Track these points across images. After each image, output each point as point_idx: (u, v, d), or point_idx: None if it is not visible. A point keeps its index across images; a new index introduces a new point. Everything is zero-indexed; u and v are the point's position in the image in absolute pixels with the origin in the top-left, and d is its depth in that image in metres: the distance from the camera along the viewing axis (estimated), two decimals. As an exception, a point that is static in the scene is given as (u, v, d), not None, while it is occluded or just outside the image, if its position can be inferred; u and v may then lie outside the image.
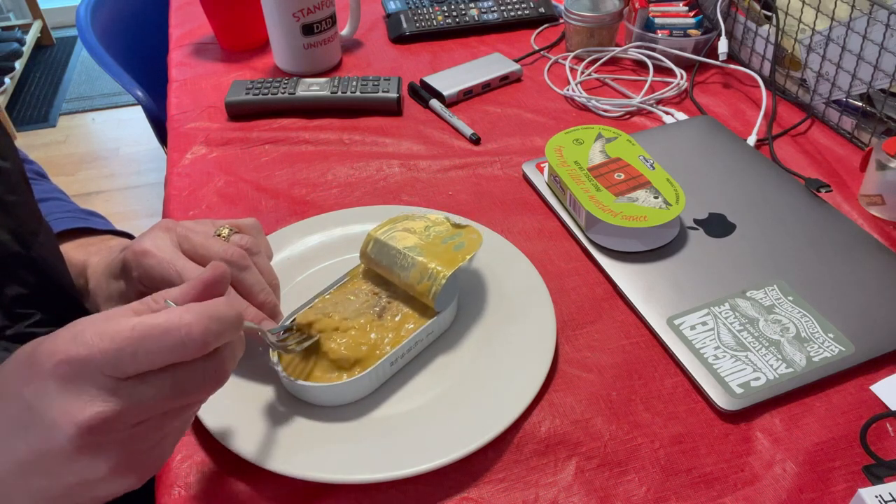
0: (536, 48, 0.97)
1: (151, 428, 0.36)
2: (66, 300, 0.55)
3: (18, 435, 0.34)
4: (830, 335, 0.54)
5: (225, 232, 0.53)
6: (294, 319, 0.53)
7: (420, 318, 0.54)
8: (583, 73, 0.91)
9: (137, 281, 0.50)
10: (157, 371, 0.34)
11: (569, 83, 0.89)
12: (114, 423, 0.33)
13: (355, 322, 0.53)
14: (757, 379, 0.52)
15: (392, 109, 0.85)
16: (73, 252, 0.58)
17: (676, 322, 0.56)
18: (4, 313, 0.51)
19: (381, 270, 0.56)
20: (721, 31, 0.88)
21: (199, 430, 0.50)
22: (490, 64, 0.91)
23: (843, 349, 0.53)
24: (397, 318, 0.54)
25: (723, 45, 0.88)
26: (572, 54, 0.94)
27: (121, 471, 0.35)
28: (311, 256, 0.63)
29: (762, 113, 0.81)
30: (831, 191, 0.69)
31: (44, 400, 0.33)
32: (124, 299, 0.52)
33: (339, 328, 0.52)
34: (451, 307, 0.55)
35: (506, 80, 0.90)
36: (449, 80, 0.88)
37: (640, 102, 0.84)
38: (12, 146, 0.54)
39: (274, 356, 0.51)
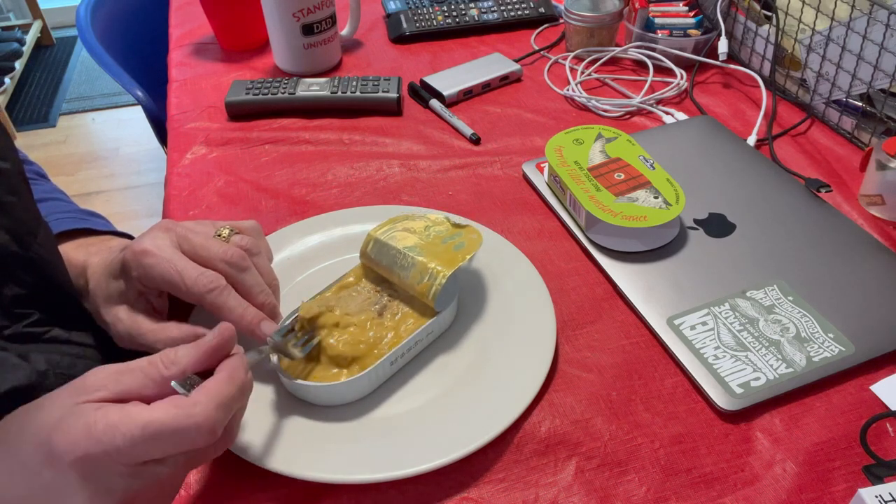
0: (536, 48, 0.97)
1: (166, 489, 0.39)
2: (64, 300, 0.55)
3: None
4: (830, 335, 0.54)
5: (225, 233, 0.53)
6: (297, 316, 0.53)
7: (420, 318, 0.54)
8: (583, 73, 0.91)
9: (137, 280, 0.50)
10: (169, 456, 0.37)
11: (569, 83, 0.89)
12: (134, 500, 0.36)
13: (355, 318, 0.53)
14: (757, 379, 0.52)
15: (392, 109, 0.85)
16: (73, 252, 0.58)
17: (676, 322, 0.56)
18: (3, 313, 0.51)
19: (381, 270, 0.56)
20: (721, 31, 0.88)
21: (199, 430, 0.51)
22: (490, 64, 0.91)
23: (843, 349, 0.53)
24: (397, 318, 0.54)
25: (723, 45, 0.88)
26: (572, 54, 0.94)
27: None
28: (311, 256, 0.63)
29: (762, 113, 0.81)
30: (831, 191, 0.69)
31: (67, 490, 0.35)
32: (124, 299, 0.52)
33: (339, 324, 0.52)
34: (452, 307, 0.55)
35: (506, 80, 0.90)
36: (449, 80, 0.88)
37: (640, 102, 0.84)
38: (12, 146, 0.54)
39: (273, 357, 0.51)
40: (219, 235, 0.52)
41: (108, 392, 0.37)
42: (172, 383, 0.38)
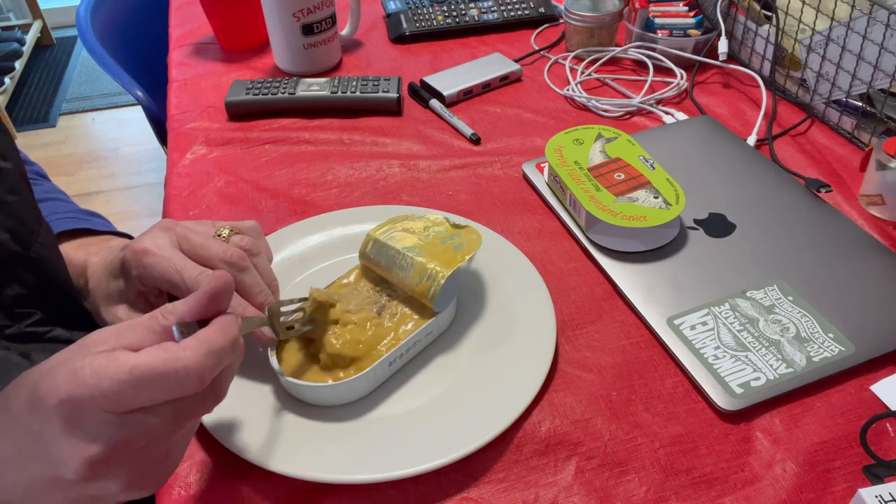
0: (536, 48, 0.97)
1: (157, 447, 0.37)
2: (65, 300, 0.55)
3: (32, 459, 0.35)
4: (830, 335, 0.54)
5: (225, 233, 0.53)
6: (303, 303, 0.52)
7: (419, 319, 0.54)
8: (583, 73, 0.91)
9: (137, 280, 0.50)
10: (157, 405, 0.35)
11: (569, 83, 0.89)
12: (118, 453, 0.35)
13: (355, 316, 0.53)
14: (757, 379, 0.52)
15: (392, 109, 0.85)
16: (74, 252, 0.58)
17: (676, 322, 0.56)
18: (4, 313, 0.51)
19: (380, 271, 0.56)
20: (721, 31, 0.88)
21: (200, 430, 0.50)
22: (490, 64, 0.91)
23: (843, 349, 0.53)
24: (396, 318, 0.54)
25: (723, 45, 0.88)
26: (572, 54, 0.94)
27: (133, 486, 0.37)
28: (311, 256, 0.63)
29: (762, 113, 0.81)
30: (831, 191, 0.69)
31: (50, 437, 0.34)
32: (123, 298, 0.52)
33: (339, 320, 0.52)
34: (451, 308, 0.55)
35: (506, 80, 0.90)
36: (449, 80, 0.88)
37: (640, 102, 0.84)
38: (13, 146, 0.54)
39: (273, 357, 0.51)
40: (219, 235, 0.52)
41: (108, 346, 0.36)
42: (173, 327, 0.38)
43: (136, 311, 0.52)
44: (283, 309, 0.50)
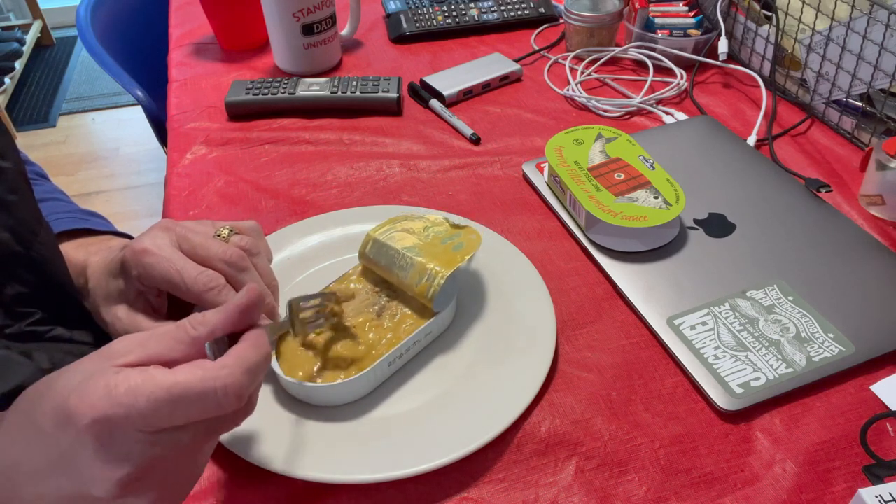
0: (536, 48, 0.97)
1: (187, 462, 0.37)
2: (66, 299, 0.55)
3: (58, 475, 0.34)
4: (830, 335, 0.54)
5: (225, 233, 0.53)
6: (324, 299, 0.52)
7: (419, 319, 0.54)
8: (583, 73, 0.91)
9: (136, 280, 0.50)
10: (191, 423, 0.35)
11: (569, 83, 0.89)
12: (149, 471, 0.34)
13: (354, 320, 0.53)
14: (757, 379, 0.52)
15: (392, 109, 0.85)
16: (74, 252, 0.58)
17: (676, 322, 0.56)
18: (5, 312, 0.51)
19: (379, 271, 0.56)
20: (721, 31, 0.88)
21: (199, 430, 0.51)
22: (490, 64, 0.91)
23: (843, 349, 0.53)
24: (396, 318, 0.54)
25: (723, 45, 0.88)
26: (572, 54, 0.94)
27: (161, 500, 0.36)
28: (311, 256, 0.63)
29: (762, 113, 0.81)
30: (831, 191, 0.69)
31: (81, 455, 0.33)
32: (123, 298, 0.52)
33: (344, 329, 0.52)
34: (450, 308, 0.55)
35: (506, 80, 0.90)
36: (449, 80, 0.88)
37: (640, 102, 0.84)
38: (13, 146, 0.54)
39: (273, 358, 0.51)
40: (218, 235, 0.52)
41: (134, 357, 0.35)
42: (206, 346, 0.37)
43: (135, 310, 0.52)
44: (301, 304, 0.50)
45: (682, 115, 0.82)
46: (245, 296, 0.39)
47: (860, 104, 0.76)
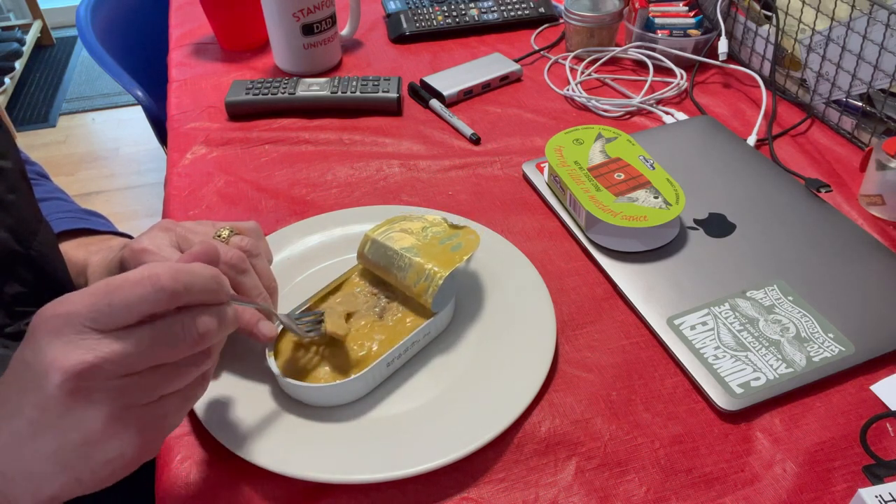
0: (536, 48, 0.97)
1: (141, 383, 0.37)
2: None
3: (23, 395, 0.36)
4: (830, 335, 0.54)
5: (224, 234, 0.53)
6: (307, 308, 0.53)
7: (417, 319, 0.54)
8: (583, 73, 0.91)
9: None
10: (136, 324, 0.36)
11: (569, 83, 0.89)
12: (98, 370, 0.35)
13: (355, 324, 0.53)
14: (757, 379, 0.52)
15: (392, 109, 0.85)
16: (74, 251, 0.58)
17: (676, 322, 0.56)
18: (4, 311, 0.51)
19: (378, 271, 0.56)
20: (721, 31, 0.88)
21: (199, 430, 0.51)
22: (490, 64, 0.91)
23: (843, 349, 0.53)
24: (396, 318, 0.54)
25: (723, 45, 0.88)
26: (572, 54, 0.94)
27: (118, 426, 0.36)
28: (311, 256, 0.63)
29: (762, 113, 0.81)
30: (831, 191, 0.69)
31: (36, 354, 0.35)
32: None
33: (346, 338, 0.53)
34: (449, 308, 0.55)
35: (506, 80, 0.90)
36: (449, 80, 0.88)
37: (640, 102, 0.84)
38: (13, 146, 0.54)
39: (270, 357, 0.51)
40: (218, 236, 0.52)
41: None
42: None
43: None
44: (298, 319, 0.51)
45: (682, 115, 0.82)
46: (201, 246, 0.41)
47: (860, 104, 0.76)
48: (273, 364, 0.51)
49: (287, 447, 0.48)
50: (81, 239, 0.61)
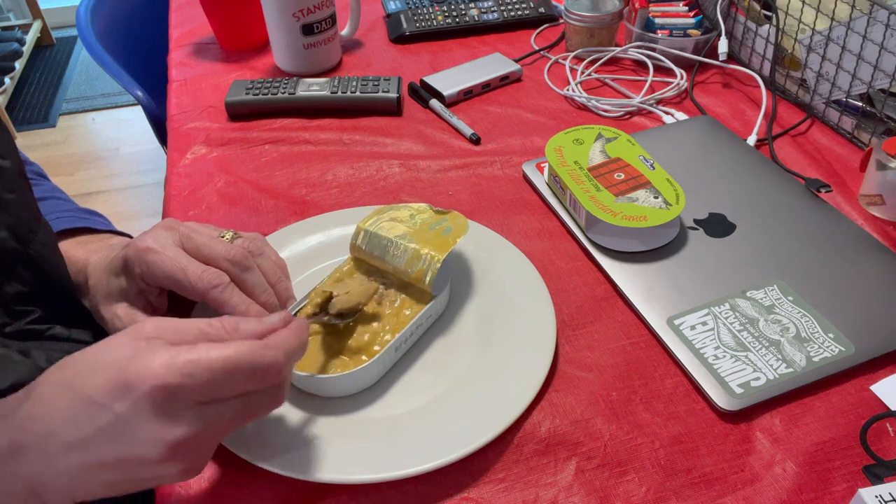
0: (536, 48, 0.97)
1: (216, 437, 0.40)
2: (64, 298, 0.55)
3: (105, 441, 0.36)
4: (830, 335, 0.54)
5: (228, 235, 0.53)
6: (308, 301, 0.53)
7: (416, 304, 0.55)
8: (583, 73, 0.91)
9: (139, 277, 0.50)
10: (234, 396, 0.38)
11: (569, 83, 0.89)
12: (194, 441, 0.37)
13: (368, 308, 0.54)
14: (757, 379, 0.52)
15: (392, 109, 0.85)
16: (73, 250, 0.58)
17: (676, 322, 0.56)
18: (4, 310, 0.51)
19: (373, 261, 0.57)
20: (721, 31, 0.88)
21: (199, 430, 0.51)
22: (490, 64, 0.91)
23: (843, 349, 0.53)
24: (396, 305, 0.55)
25: (723, 45, 0.88)
26: (572, 54, 0.94)
27: (187, 470, 0.39)
28: (311, 256, 0.63)
29: (762, 113, 0.81)
30: (831, 191, 0.69)
31: (138, 419, 0.36)
32: (123, 296, 0.52)
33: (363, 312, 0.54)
34: (446, 290, 0.56)
35: (506, 80, 0.90)
36: (449, 80, 0.88)
37: (640, 102, 0.84)
38: (12, 145, 0.54)
39: None
40: (221, 237, 0.52)
41: (167, 341, 0.38)
42: None
43: (135, 308, 0.52)
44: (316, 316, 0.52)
45: (682, 115, 0.82)
46: (283, 320, 0.43)
47: (860, 104, 0.76)
48: None
49: (287, 447, 0.48)
50: (80, 238, 0.61)
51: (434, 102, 0.86)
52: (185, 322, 0.40)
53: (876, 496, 0.39)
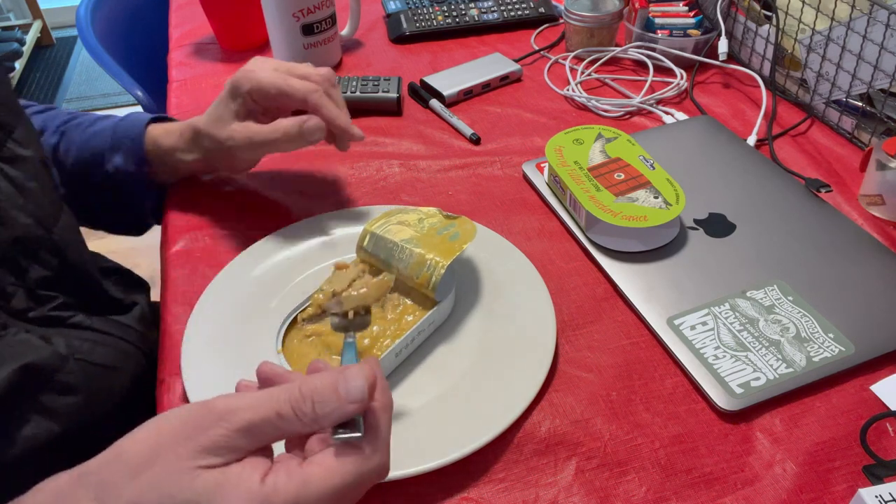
0: (536, 48, 0.97)
1: None
2: (87, 285, 0.57)
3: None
4: (830, 335, 0.54)
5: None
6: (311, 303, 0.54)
7: (419, 309, 0.54)
8: (583, 73, 0.91)
9: (248, 94, 0.61)
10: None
11: (569, 83, 0.89)
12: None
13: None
14: (757, 379, 0.52)
15: (392, 109, 0.85)
16: (166, 126, 0.68)
17: (676, 322, 0.56)
18: (28, 295, 0.52)
19: (378, 264, 0.56)
20: (721, 31, 0.88)
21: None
22: (490, 64, 0.91)
23: (843, 349, 0.53)
24: (399, 310, 0.54)
25: (723, 45, 0.88)
26: (572, 54, 0.94)
27: None
28: (312, 256, 0.63)
29: (762, 113, 0.81)
30: (831, 191, 0.69)
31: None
32: (234, 117, 0.62)
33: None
34: (450, 297, 0.56)
35: (506, 80, 0.90)
36: (449, 80, 0.88)
37: (640, 102, 0.84)
38: (34, 136, 0.55)
39: (280, 355, 0.51)
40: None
41: (237, 455, 0.34)
42: (334, 438, 0.35)
43: (247, 121, 0.62)
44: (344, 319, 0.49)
45: (682, 115, 0.82)
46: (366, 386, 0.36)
47: (860, 104, 0.76)
48: (284, 363, 0.51)
49: (287, 447, 0.48)
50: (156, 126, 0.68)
51: (434, 102, 0.86)
52: (252, 423, 0.34)
53: (876, 496, 0.39)
